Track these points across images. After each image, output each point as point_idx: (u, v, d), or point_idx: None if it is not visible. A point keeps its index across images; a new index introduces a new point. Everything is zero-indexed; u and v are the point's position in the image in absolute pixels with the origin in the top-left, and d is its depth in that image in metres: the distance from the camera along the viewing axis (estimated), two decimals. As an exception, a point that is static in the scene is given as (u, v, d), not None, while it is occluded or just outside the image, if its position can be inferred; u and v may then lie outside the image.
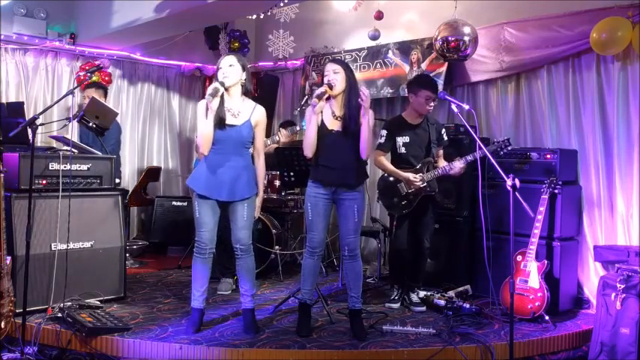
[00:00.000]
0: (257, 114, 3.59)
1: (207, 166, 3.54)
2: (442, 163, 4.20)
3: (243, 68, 3.54)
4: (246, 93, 3.60)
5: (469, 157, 4.01)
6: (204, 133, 3.45)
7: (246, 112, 3.56)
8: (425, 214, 4.23)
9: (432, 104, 4.13)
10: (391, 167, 4.14)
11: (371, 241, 5.75)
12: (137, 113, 6.83)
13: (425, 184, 4.10)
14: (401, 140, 4.16)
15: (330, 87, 3.47)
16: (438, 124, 4.33)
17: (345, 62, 3.68)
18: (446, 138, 4.29)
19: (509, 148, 4.05)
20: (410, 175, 4.07)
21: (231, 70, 3.48)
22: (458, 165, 4.02)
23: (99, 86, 5.46)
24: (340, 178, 3.51)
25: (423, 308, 4.21)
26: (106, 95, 5.48)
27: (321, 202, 3.56)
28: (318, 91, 3.45)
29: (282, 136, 4.31)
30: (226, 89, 3.50)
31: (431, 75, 5.34)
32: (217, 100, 3.44)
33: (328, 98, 3.52)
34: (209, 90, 3.42)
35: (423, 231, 4.23)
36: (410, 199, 4.15)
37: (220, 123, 3.47)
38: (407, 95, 4.39)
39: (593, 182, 4.42)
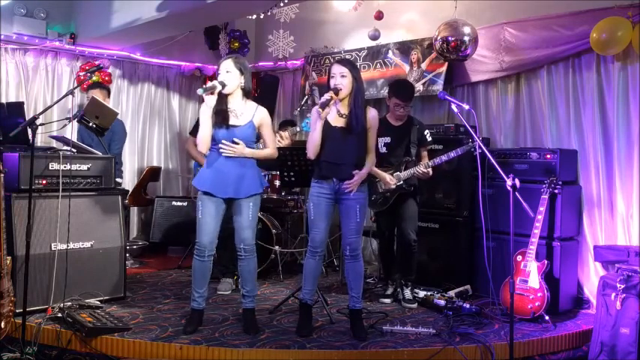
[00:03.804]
0: (259, 115, 3.63)
1: (212, 165, 3.56)
2: (423, 162, 4.30)
3: (241, 71, 3.55)
4: (246, 94, 3.62)
5: (436, 160, 4.17)
6: (204, 131, 3.51)
7: (249, 113, 3.60)
8: (405, 208, 4.31)
9: (402, 110, 4.28)
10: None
11: (371, 241, 5.74)
12: (137, 113, 6.82)
13: (401, 182, 4.21)
14: (382, 140, 4.26)
15: (337, 93, 3.47)
16: (422, 125, 4.44)
17: (351, 62, 3.69)
18: (430, 139, 4.40)
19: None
20: (387, 177, 4.20)
21: (228, 76, 3.51)
22: (422, 170, 4.17)
23: (102, 87, 5.46)
24: (342, 172, 3.51)
25: (414, 305, 4.27)
26: (109, 95, 5.48)
27: (324, 202, 3.57)
28: (324, 98, 3.45)
29: (284, 138, 4.31)
30: (227, 93, 3.53)
31: (431, 75, 5.35)
32: (213, 97, 3.47)
33: (334, 102, 3.54)
34: (206, 85, 3.46)
35: (405, 224, 4.31)
36: (387, 196, 4.30)
37: (223, 123, 3.50)
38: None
39: (593, 182, 4.42)
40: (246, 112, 3.59)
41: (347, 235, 3.60)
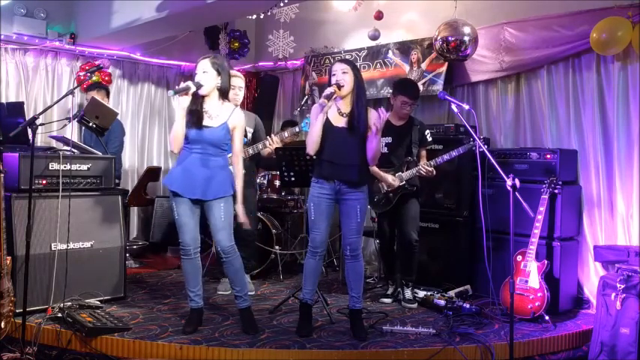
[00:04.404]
0: (235, 118, 3.56)
1: (183, 165, 3.52)
2: (423, 162, 4.30)
3: (218, 72, 3.49)
4: (223, 95, 3.56)
5: (439, 160, 4.19)
6: (175, 131, 3.46)
7: (224, 115, 3.54)
8: (407, 208, 4.31)
9: (408, 108, 4.29)
10: (373, 167, 4.17)
11: (371, 241, 5.75)
12: (137, 113, 6.83)
13: (403, 182, 4.21)
14: (384, 140, 4.26)
15: (339, 87, 3.48)
16: (423, 125, 4.44)
17: (352, 62, 3.69)
18: (430, 139, 4.41)
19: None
20: (389, 178, 4.20)
21: (204, 76, 3.47)
22: (427, 168, 4.17)
23: (101, 87, 5.46)
24: (343, 173, 3.51)
25: (414, 305, 4.28)
26: (108, 95, 5.48)
27: (325, 203, 3.56)
28: (327, 91, 3.46)
29: (274, 143, 4.30)
30: (204, 94, 3.49)
31: (431, 75, 5.35)
32: (187, 98, 3.43)
33: (335, 98, 3.54)
34: (179, 86, 3.43)
35: (407, 224, 4.31)
36: (389, 197, 4.30)
37: (196, 123, 3.45)
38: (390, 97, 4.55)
39: (593, 182, 4.41)
40: (221, 113, 3.53)
41: (347, 235, 3.60)
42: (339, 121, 3.55)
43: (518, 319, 3.88)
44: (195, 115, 3.46)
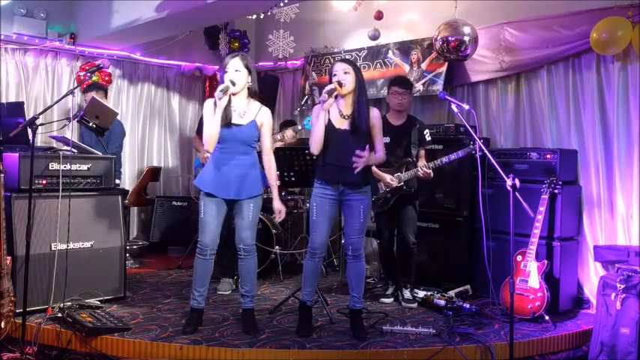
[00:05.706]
0: (263, 115, 3.63)
1: (214, 165, 3.56)
2: (422, 163, 4.29)
3: (249, 70, 3.55)
4: (252, 94, 3.62)
5: (437, 162, 4.18)
6: (211, 130, 3.47)
7: (252, 112, 3.60)
8: (405, 210, 4.32)
9: (400, 98, 4.30)
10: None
11: (371, 241, 5.74)
12: (137, 113, 6.82)
13: (402, 183, 4.21)
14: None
15: (340, 85, 3.47)
16: (422, 124, 4.44)
17: (354, 62, 3.70)
18: (429, 138, 4.41)
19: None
20: (387, 177, 4.19)
21: (237, 74, 3.50)
22: (425, 170, 4.17)
23: (99, 87, 5.45)
24: (346, 176, 3.50)
25: (414, 305, 4.28)
26: (106, 96, 5.47)
27: (328, 204, 3.56)
28: (328, 87, 3.46)
29: (289, 137, 4.33)
30: (234, 92, 3.52)
31: (431, 75, 5.36)
32: (226, 98, 3.46)
33: (336, 97, 3.53)
34: (220, 87, 3.43)
35: (404, 226, 4.33)
36: (387, 198, 4.30)
37: (226, 122, 3.49)
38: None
39: (593, 182, 4.42)
40: (249, 111, 3.59)
41: (350, 235, 3.59)
42: (342, 124, 3.54)
43: (518, 319, 3.88)
44: (225, 114, 3.48)
